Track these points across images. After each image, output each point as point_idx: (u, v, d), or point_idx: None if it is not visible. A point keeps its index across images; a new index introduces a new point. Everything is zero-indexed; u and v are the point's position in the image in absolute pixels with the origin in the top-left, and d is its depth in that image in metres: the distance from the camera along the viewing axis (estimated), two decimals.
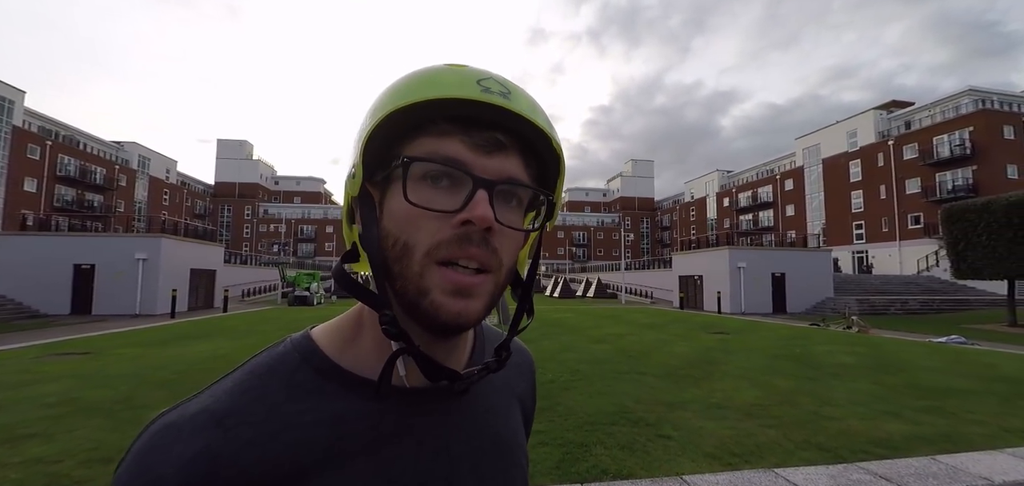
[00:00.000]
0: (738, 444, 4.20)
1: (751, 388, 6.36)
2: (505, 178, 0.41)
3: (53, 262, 20.29)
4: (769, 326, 15.93)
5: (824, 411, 5.28)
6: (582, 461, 3.81)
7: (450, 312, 0.40)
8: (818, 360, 8.70)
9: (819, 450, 4.09)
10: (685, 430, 4.58)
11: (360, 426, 0.42)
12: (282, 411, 0.41)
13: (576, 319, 17.53)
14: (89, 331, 13.46)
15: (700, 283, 27.20)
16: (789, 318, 21.22)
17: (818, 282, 25.95)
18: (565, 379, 6.78)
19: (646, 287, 36.96)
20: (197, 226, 29.36)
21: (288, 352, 0.45)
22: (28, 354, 9.02)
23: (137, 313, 19.93)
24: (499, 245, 0.41)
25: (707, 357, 8.94)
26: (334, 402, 0.42)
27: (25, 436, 4.26)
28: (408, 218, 0.40)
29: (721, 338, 12.06)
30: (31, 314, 19.17)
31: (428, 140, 0.41)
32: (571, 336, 12.13)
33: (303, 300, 26.22)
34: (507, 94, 0.41)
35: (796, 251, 27.68)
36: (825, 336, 12.85)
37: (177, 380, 6.64)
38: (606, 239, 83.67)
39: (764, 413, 5.19)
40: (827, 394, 6.08)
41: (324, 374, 0.44)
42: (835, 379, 7.02)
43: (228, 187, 76.08)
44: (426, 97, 0.39)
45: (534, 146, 0.44)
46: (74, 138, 50.22)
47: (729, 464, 3.78)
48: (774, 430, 4.60)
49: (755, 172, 65.51)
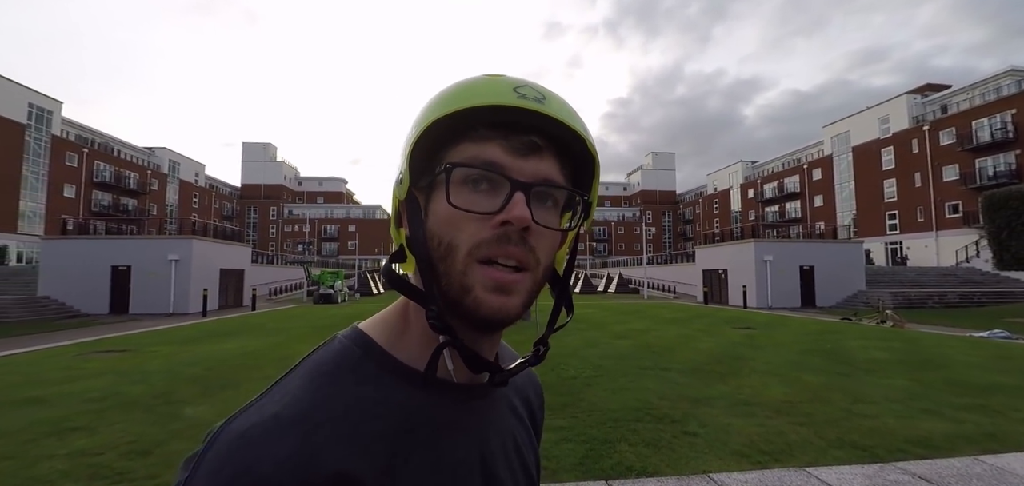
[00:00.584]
0: (767, 442, 4.11)
1: (780, 385, 6.21)
2: (541, 180, 0.44)
3: (92, 264, 21.14)
4: (798, 321, 15.54)
5: (857, 409, 5.12)
6: (606, 458, 3.78)
7: (491, 307, 0.42)
8: (850, 356, 8.44)
9: (853, 449, 3.97)
10: (712, 427, 4.50)
11: (422, 417, 0.44)
12: (361, 406, 0.42)
13: (598, 314, 17.42)
14: (126, 330, 14.00)
15: (725, 277, 26.69)
16: (818, 313, 20.65)
17: (849, 275, 25.15)
18: (587, 375, 6.74)
19: (669, 282, 36.47)
20: (225, 227, 30.19)
21: (348, 348, 0.46)
22: (71, 351, 9.42)
23: (171, 312, 20.62)
24: (536, 244, 0.43)
25: (733, 352, 8.77)
26: (398, 393, 0.44)
27: (71, 429, 4.46)
28: (451, 220, 0.43)
29: (747, 333, 11.82)
30: (73, 314, 20.03)
31: (469, 146, 0.44)
32: (593, 332, 12.06)
33: (328, 298, 26.72)
34: (542, 99, 0.44)
35: (825, 243, 26.86)
36: (857, 331, 12.46)
37: (208, 376, 6.84)
38: (627, 234, 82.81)
39: (794, 410, 5.06)
40: (860, 391, 5.90)
41: (384, 367, 0.46)
42: (869, 375, 6.81)
43: (254, 189, 77.96)
44: (466, 106, 0.42)
45: (569, 148, 0.46)
46: (109, 145, 52.16)
47: (758, 463, 3.70)
48: (805, 428, 4.48)
49: (781, 162, 63.81)
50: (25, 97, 40.19)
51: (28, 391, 5.96)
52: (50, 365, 7.91)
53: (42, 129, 41.77)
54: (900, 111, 43.78)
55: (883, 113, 45.35)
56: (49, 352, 9.49)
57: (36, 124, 41.17)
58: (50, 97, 42.57)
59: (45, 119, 42.08)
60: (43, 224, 39.82)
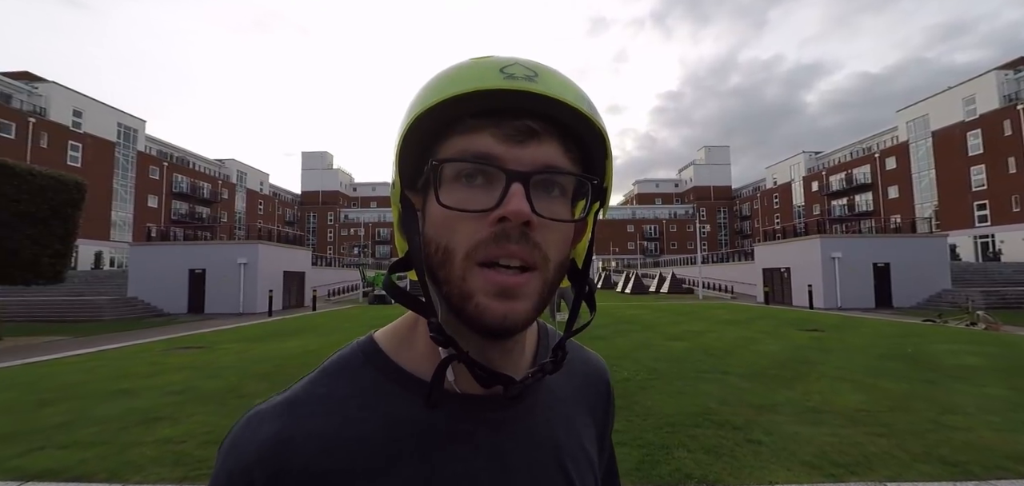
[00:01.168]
0: (841, 453, 3.82)
1: (854, 391, 5.78)
2: (541, 167, 0.39)
3: (172, 268, 23.01)
4: (872, 322, 14.43)
5: (946, 420, 4.67)
6: (663, 464, 3.65)
7: (495, 315, 0.38)
8: (936, 361, 7.73)
9: (943, 464, 3.61)
10: (778, 435, 4.24)
11: (414, 429, 0.42)
12: (346, 408, 0.42)
13: (650, 316, 16.96)
14: (202, 328, 15.09)
15: (787, 276, 25.22)
16: (896, 314, 19.08)
17: (931, 272, 23.04)
18: (642, 378, 6.56)
19: (726, 281, 34.93)
20: (287, 232, 31.95)
21: (354, 353, 0.46)
22: (156, 348, 10.27)
23: (240, 312, 22.06)
24: (542, 239, 0.39)
25: (799, 356, 8.26)
26: (391, 402, 0.43)
27: (156, 419, 4.85)
28: (445, 222, 0.39)
29: (815, 336, 11.10)
30: (157, 312, 21.88)
31: (459, 139, 0.40)
32: (646, 333, 11.74)
33: (382, 299, 27.63)
34: (534, 77, 0.39)
35: (902, 238, 24.76)
36: (943, 333, 11.40)
37: (275, 372, 7.24)
38: (680, 232, 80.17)
39: (872, 419, 4.68)
40: (950, 400, 5.37)
41: (385, 374, 0.44)
42: (959, 383, 6.20)
43: (312, 196, 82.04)
44: (448, 95, 0.38)
45: (573, 130, 0.41)
46: (185, 158, 56.59)
47: (831, 475, 3.44)
48: (885, 439, 4.13)
49: (849, 151, 59.55)
50: (115, 117, 44.46)
51: (119, 383, 6.54)
52: (138, 360, 8.65)
53: (129, 146, 46.00)
54: (989, 89, 39.66)
55: (968, 92, 41.27)
56: (137, 348, 10.39)
57: (124, 141, 45.38)
58: (135, 116, 46.85)
59: (132, 137, 46.32)
60: (131, 231, 43.81)
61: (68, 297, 21.82)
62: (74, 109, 40.36)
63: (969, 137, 40.83)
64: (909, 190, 47.17)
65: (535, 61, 0.41)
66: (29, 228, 12.98)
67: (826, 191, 58.34)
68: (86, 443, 4.17)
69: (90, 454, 3.90)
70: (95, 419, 4.87)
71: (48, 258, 13.61)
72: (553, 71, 0.41)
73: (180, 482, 3.37)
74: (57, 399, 5.73)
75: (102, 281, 27.96)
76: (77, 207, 14.51)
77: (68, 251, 14.60)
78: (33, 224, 13.08)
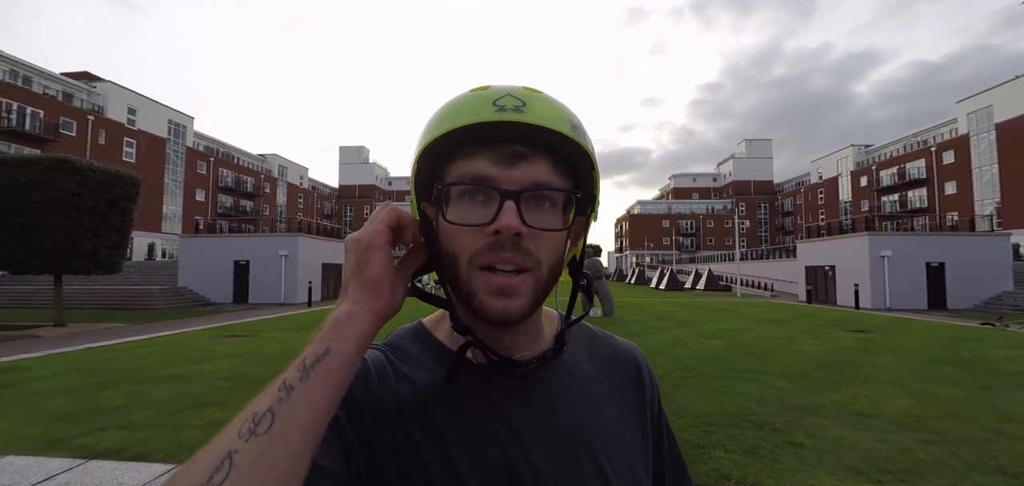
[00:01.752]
0: (889, 460, 3.66)
1: (904, 396, 5.51)
2: (530, 185, 0.47)
3: (219, 259, 24.08)
4: (924, 324, 13.68)
5: (1006, 428, 4.39)
6: (700, 463, 3.59)
7: (494, 310, 0.46)
8: (995, 366, 7.26)
9: (1001, 475, 3.41)
10: (821, 439, 4.10)
11: (450, 387, 0.51)
12: (405, 367, 0.53)
13: (685, 312, 16.60)
14: (247, 317, 15.77)
15: (832, 274, 24.17)
16: (950, 316, 18.00)
17: (991, 273, 21.60)
18: (677, 375, 6.45)
19: (765, 279, 33.83)
20: (326, 225, 32.92)
21: (408, 330, 0.59)
22: (204, 335, 10.81)
23: (282, 302, 22.91)
24: (533, 247, 0.47)
25: (844, 358, 7.92)
26: (431, 369, 0.53)
27: (206, 403, 5.12)
28: (452, 234, 0.48)
29: (861, 337, 10.62)
30: (204, 302, 22.98)
31: (462, 162, 0.48)
32: (681, 330, 11.51)
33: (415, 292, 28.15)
34: (522, 107, 0.46)
35: (959, 236, 23.33)
36: (1004, 338, 10.69)
37: None
38: (717, 227, 78.07)
39: (923, 426, 4.46)
40: (1010, 408, 5.05)
41: (427, 345, 0.56)
42: (1021, 392, 5.81)
43: (349, 189, 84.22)
44: (449, 129, 0.46)
45: (561, 149, 0.48)
46: (230, 154, 59.04)
47: (878, 481, 3.30)
48: (937, 447, 3.92)
49: (902, 145, 56.37)
50: (165, 115, 46.78)
51: (171, 369, 6.93)
52: (188, 346, 9.13)
53: (179, 142, 48.36)
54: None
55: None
56: (186, 336, 10.96)
57: (174, 138, 47.75)
58: (184, 113, 49.14)
59: (181, 133, 48.67)
60: (180, 224, 46.11)
61: (124, 286, 23.19)
62: (128, 107, 42.70)
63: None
64: (968, 186, 44.30)
65: (529, 90, 0.48)
66: (89, 221, 13.82)
67: (876, 186, 55.48)
68: (143, 425, 4.44)
69: (146, 435, 4.15)
70: (150, 402, 5.18)
71: (106, 249, 14.47)
72: (542, 99, 0.48)
73: None
74: (115, 382, 6.11)
75: (154, 271, 29.57)
76: (132, 201, 15.36)
77: (124, 243, 15.49)
78: (93, 217, 13.92)
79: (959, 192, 45.25)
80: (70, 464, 3.51)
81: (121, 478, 3.30)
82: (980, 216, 33.44)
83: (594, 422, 0.54)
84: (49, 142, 33.71)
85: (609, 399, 0.57)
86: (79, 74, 41.91)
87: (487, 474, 0.48)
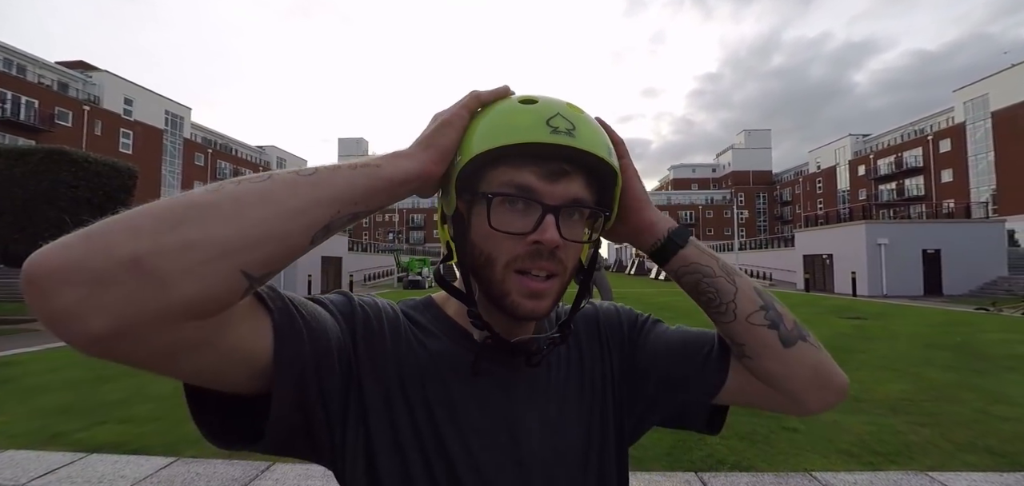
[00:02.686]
0: (881, 442, 3.72)
1: (897, 380, 5.57)
2: (570, 201, 0.51)
3: None
4: (918, 310, 13.78)
5: (995, 410, 4.46)
6: (696, 449, 3.64)
7: (526, 309, 0.51)
8: (986, 350, 7.35)
9: (990, 455, 3.48)
10: (815, 423, 4.15)
11: (457, 361, 0.56)
12: (421, 334, 0.58)
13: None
14: None
15: (829, 263, 24.28)
16: (945, 302, 18.11)
17: (986, 259, 21.75)
18: None
19: (764, 268, 33.91)
20: None
21: (419, 302, 0.63)
22: None
23: None
24: (564, 256, 0.51)
25: (840, 344, 7.99)
26: (442, 341, 0.58)
27: None
28: (491, 237, 0.51)
29: (857, 323, 10.70)
30: None
31: (507, 170, 0.51)
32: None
33: (416, 284, 28.16)
34: (572, 131, 0.49)
35: (955, 223, 23.43)
36: (996, 323, 10.78)
37: None
38: (716, 217, 78.15)
39: (914, 409, 4.53)
40: (1000, 390, 5.12)
41: (438, 319, 0.60)
42: (1011, 374, 5.89)
43: None
44: (507, 143, 0.49)
45: (597, 170, 0.53)
46: (228, 145, 58.71)
47: (870, 463, 3.37)
48: (928, 429, 3.99)
49: (899, 134, 56.33)
50: (162, 106, 46.37)
51: None
52: None
53: (176, 133, 48.02)
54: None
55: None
56: None
57: (171, 129, 47.38)
58: (181, 104, 48.72)
59: (178, 124, 48.30)
60: None
61: None
62: (125, 97, 42.25)
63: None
64: (964, 174, 44.38)
65: (574, 109, 0.52)
66: (86, 213, 13.53)
67: (873, 175, 55.54)
68: (144, 419, 4.47)
69: (147, 429, 4.18)
70: (151, 396, 5.20)
71: None
72: (586, 121, 0.52)
73: (231, 457, 3.58)
74: (115, 376, 6.12)
75: None
76: (130, 193, 15.34)
77: None
78: (90, 209, 13.85)
79: (955, 180, 45.35)
80: (71, 458, 3.53)
81: (123, 471, 3.33)
82: (976, 203, 33.58)
83: (576, 397, 0.62)
84: (44, 133, 33.37)
85: (596, 350, 0.66)
86: (75, 63, 41.45)
87: (490, 438, 0.54)
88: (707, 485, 3.08)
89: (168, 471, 3.32)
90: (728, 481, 3.13)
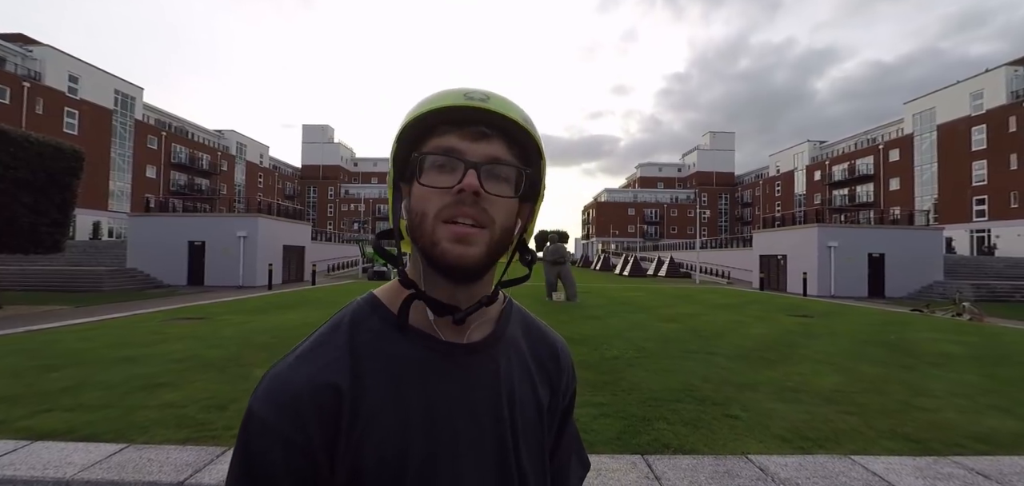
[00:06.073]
0: (812, 429, 4.02)
1: (833, 373, 5.98)
2: (490, 158, 0.56)
3: (171, 239, 23.12)
4: (860, 310, 14.66)
5: (916, 401, 4.87)
6: (643, 434, 3.84)
7: (454, 255, 0.55)
8: (916, 348, 7.93)
9: (905, 441, 3.81)
10: (755, 411, 4.44)
11: (413, 364, 0.58)
12: (365, 350, 0.58)
13: (646, 298, 17.16)
14: (202, 299, 15.28)
15: (784, 263, 25.44)
16: (887, 303, 19.32)
17: (925, 264, 23.31)
18: (631, 356, 6.75)
19: (723, 267, 35.17)
20: (287, 206, 31.97)
21: (361, 306, 0.62)
22: (156, 318, 10.46)
23: (240, 285, 22.25)
24: (489, 207, 0.55)
25: (786, 340, 8.46)
26: (395, 344, 0.59)
27: (158, 385, 5.03)
28: (423, 195, 0.56)
29: (804, 321, 11.31)
30: (157, 284, 22.06)
31: (435, 139, 0.57)
32: (640, 314, 11.94)
33: (381, 275, 27.82)
34: (486, 99, 0.57)
35: (899, 229, 24.94)
36: (928, 323, 11.61)
37: (275, 343, 7.43)
38: (680, 216, 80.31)
39: (845, 399, 4.88)
40: (923, 384, 5.58)
41: (386, 321, 0.60)
42: (935, 369, 6.40)
43: (313, 169, 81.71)
44: (427, 110, 0.57)
45: (516, 137, 0.59)
46: (184, 128, 56.17)
47: (800, 448, 3.64)
48: (855, 417, 4.33)
49: (854, 142, 59.32)
50: (111, 84, 43.91)
51: (123, 351, 6.72)
52: (139, 329, 8.84)
53: (127, 114, 45.60)
54: (997, 85, 39.50)
55: (976, 88, 41.10)
56: (138, 318, 10.58)
57: (121, 109, 44.97)
58: (133, 83, 46.30)
59: (129, 104, 45.87)
60: (129, 202, 43.75)
61: (67, 267, 21.98)
62: (70, 74, 39.84)
63: (974, 132, 40.79)
64: (910, 183, 47.21)
65: (492, 91, 0.59)
66: (26, 196, 12.97)
67: (829, 181, 58.31)
68: (92, 406, 4.33)
69: (96, 416, 4.06)
70: (100, 384, 5.04)
71: (46, 227, 13.66)
72: (502, 97, 0.59)
73: (184, 443, 3.55)
74: (62, 365, 5.89)
75: (101, 251, 28.12)
76: (75, 176, 14.52)
77: (66, 220, 14.69)
78: (30, 192, 13.08)
79: (902, 188, 48.17)
80: (14, 445, 3.41)
81: (70, 457, 3.25)
82: (919, 211, 35.75)
83: (524, 390, 0.64)
84: None
85: (534, 372, 0.67)
86: (12, 36, 38.72)
87: (438, 435, 0.56)
88: (652, 467, 3.26)
89: (119, 457, 3.25)
90: (672, 463, 3.33)
